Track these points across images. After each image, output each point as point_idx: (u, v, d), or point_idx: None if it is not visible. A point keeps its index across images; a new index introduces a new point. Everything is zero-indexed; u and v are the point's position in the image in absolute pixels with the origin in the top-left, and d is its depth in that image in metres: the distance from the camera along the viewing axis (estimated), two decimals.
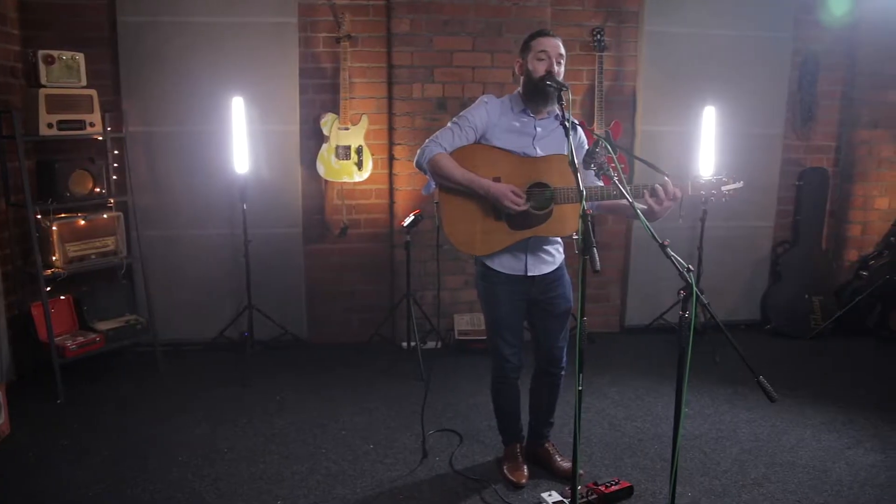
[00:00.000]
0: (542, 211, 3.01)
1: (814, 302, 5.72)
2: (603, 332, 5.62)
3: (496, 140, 3.07)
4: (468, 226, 3.09)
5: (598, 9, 5.34)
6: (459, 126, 3.07)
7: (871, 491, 3.34)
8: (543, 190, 2.98)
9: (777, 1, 5.46)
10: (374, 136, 5.18)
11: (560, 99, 2.77)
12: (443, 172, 3.01)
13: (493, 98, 3.14)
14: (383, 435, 3.89)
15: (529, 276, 3.15)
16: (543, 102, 3.03)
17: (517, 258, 3.13)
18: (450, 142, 3.05)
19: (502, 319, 3.23)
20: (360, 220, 5.31)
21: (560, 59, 3.00)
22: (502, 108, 3.11)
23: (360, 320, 5.38)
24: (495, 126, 3.07)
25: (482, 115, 3.07)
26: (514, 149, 3.05)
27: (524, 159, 3.02)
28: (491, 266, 3.16)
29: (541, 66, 2.98)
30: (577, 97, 5.37)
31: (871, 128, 5.83)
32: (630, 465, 3.56)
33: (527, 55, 3.04)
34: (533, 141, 3.08)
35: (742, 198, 5.51)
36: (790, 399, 4.39)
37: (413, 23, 5.01)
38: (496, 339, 3.26)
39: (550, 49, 2.98)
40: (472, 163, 3.03)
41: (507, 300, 3.19)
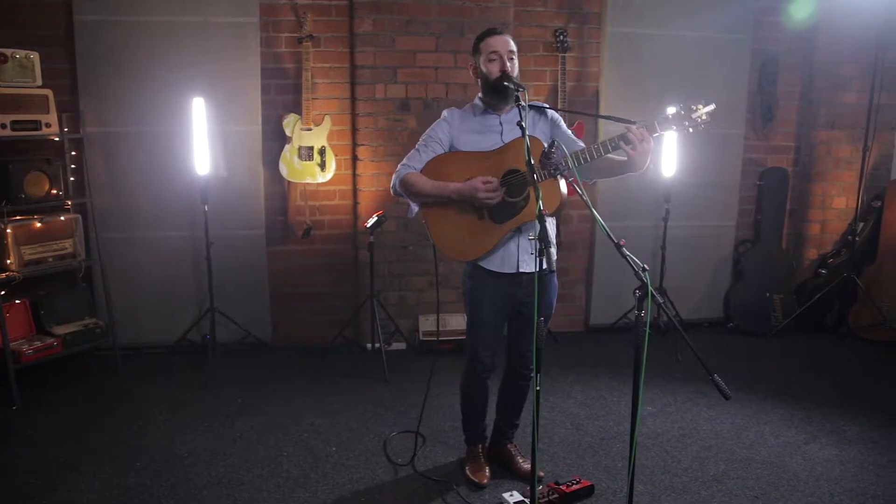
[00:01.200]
0: (520, 197, 2.97)
1: (774, 300, 5.80)
2: (568, 332, 5.65)
3: (464, 145, 3.08)
4: (456, 233, 3.08)
5: (560, 10, 5.37)
6: (425, 144, 3.09)
7: (826, 485, 3.39)
8: (515, 176, 2.94)
9: (737, 3, 5.53)
10: (338, 136, 5.15)
11: (518, 99, 2.76)
12: (414, 189, 3.02)
13: (452, 110, 3.16)
14: (346, 437, 3.87)
15: (520, 274, 3.11)
16: (504, 101, 3.04)
17: (510, 253, 3.08)
18: (418, 160, 3.06)
19: (485, 319, 3.20)
20: (323, 221, 5.28)
21: (511, 55, 3.00)
22: (462, 116, 3.12)
23: (324, 322, 5.34)
24: (459, 133, 3.08)
25: (444, 128, 3.10)
26: (484, 148, 3.04)
27: (489, 153, 3.00)
28: (482, 265, 3.12)
29: (494, 67, 2.98)
30: (540, 97, 5.39)
31: (828, 128, 5.94)
32: (592, 465, 3.58)
33: (479, 57, 3.04)
34: (501, 137, 3.07)
35: (704, 197, 5.68)
36: (751, 396, 4.44)
37: (376, 23, 4.99)
38: (475, 340, 3.24)
39: (500, 48, 2.99)
40: (442, 171, 3.03)
41: (492, 301, 3.17)
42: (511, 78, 2.93)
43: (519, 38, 5.21)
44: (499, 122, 3.08)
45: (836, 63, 5.81)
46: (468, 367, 3.30)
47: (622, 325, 5.61)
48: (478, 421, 3.46)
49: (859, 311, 5.64)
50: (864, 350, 5.40)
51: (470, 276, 3.18)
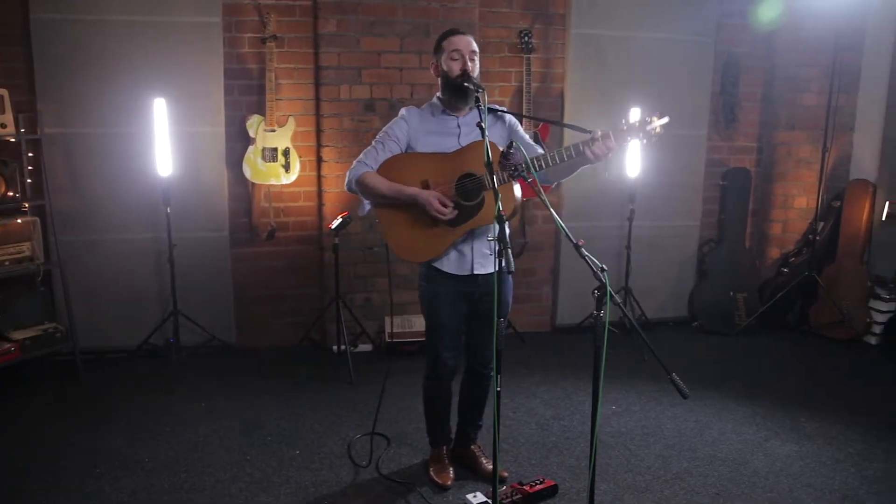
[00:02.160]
0: (474, 201, 2.98)
1: (738, 299, 5.86)
2: (534, 332, 5.66)
3: (421, 145, 3.08)
4: (410, 234, 3.08)
5: (525, 11, 5.39)
6: (382, 143, 3.08)
7: (786, 480, 3.44)
8: (471, 180, 2.95)
9: (701, 5, 5.59)
10: (302, 137, 5.11)
11: (477, 100, 2.76)
12: (371, 189, 3.02)
13: (411, 109, 3.15)
14: (310, 440, 3.84)
15: (474, 276, 3.12)
16: (464, 101, 3.04)
17: (463, 255, 3.10)
18: (374, 159, 3.05)
19: (443, 322, 3.20)
20: (288, 223, 5.24)
21: (473, 56, 3.00)
22: (421, 116, 3.12)
23: (289, 324, 5.31)
24: (417, 132, 3.08)
25: (402, 126, 3.09)
26: (441, 150, 3.05)
27: (447, 155, 3.01)
28: (436, 266, 3.12)
29: (455, 66, 2.98)
30: (505, 98, 5.40)
31: (789, 129, 6.03)
32: (556, 464, 3.59)
33: (440, 56, 3.04)
34: (458, 139, 3.08)
35: (668, 197, 5.73)
36: (714, 394, 4.49)
37: (340, 23, 4.97)
38: (435, 341, 3.24)
39: (463, 47, 2.99)
40: (398, 172, 3.03)
41: (449, 302, 3.16)
42: (471, 78, 2.93)
43: (484, 38, 5.26)
44: (457, 124, 3.09)
45: (796, 65, 5.91)
46: (430, 370, 3.29)
47: (588, 324, 5.64)
48: (441, 423, 3.45)
49: (820, 310, 5.73)
50: (825, 348, 5.49)
51: (425, 278, 3.18)
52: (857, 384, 4.75)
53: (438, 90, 3.13)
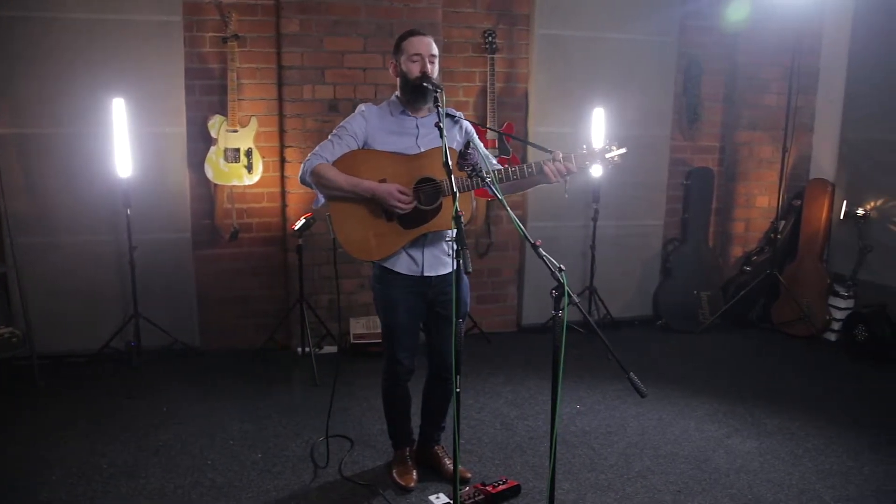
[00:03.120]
0: (431, 206, 2.99)
1: (702, 297, 5.93)
2: (500, 332, 5.67)
3: (379, 144, 3.06)
4: (361, 232, 3.06)
5: (489, 11, 5.39)
6: (339, 136, 3.05)
7: (745, 477, 3.48)
8: (430, 185, 2.97)
9: (663, 6, 5.64)
10: (265, 138, 5.07)
11: (436, 100, 2.76)
12: (326, 182, 2.98)
13: (370, 105, 3.14)
14: (273, 443, 3.80)
15: (426, 277, 3.12)
16: (423, 101, 3.04)
17: (414, 258, 3.10)
18: (331, 152, 3.02)
19: (398, 322, 3.19)
20: (251, 224, 5.19)
21: (433, 58, 3.00)
22: (381, 114, 3.10)
23: (254, 326, 5.26)
24: (376, 131, 3.06)
25: (360, 122, 3.06)
26: (399, 150, 3.04)
27: (407, 157, 3.00)
28: (388, 267, 3.12)
29: (415, 68, 2.98)
30: (469, 98, 5.40)
31: (751, 129, 6.10)
32: (520, 464, 3.59)
33: (400, 57, 3.03)
34: (416, 140, 3.07)
35: (632, 196, 5.77)
36: (677, 392, 4.53)
37: (302, 23, 4.93)
38: (393, 344, 3.23)
39: (423, 49, 2.98)
40: (356, 168, 3.00)
41: (403, 302, 3.15)
42: (430, 79, 2.93)
43: (448, 38, 5.26)
44: (415, 124, 3.08)
45: (756, 66, 5.98)
46: (388, 371, 3.29)
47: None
48: (403, 424, 3.44)
49: (781, 307, 5.81)
50: (786, 345, 5.57)
51: (378, 278, 3.18)
52: (817, 380, 4.82)
53: (397, 90, 3.12)
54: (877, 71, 5.35)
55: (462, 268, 2.34)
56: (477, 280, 5.58)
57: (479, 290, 5.60)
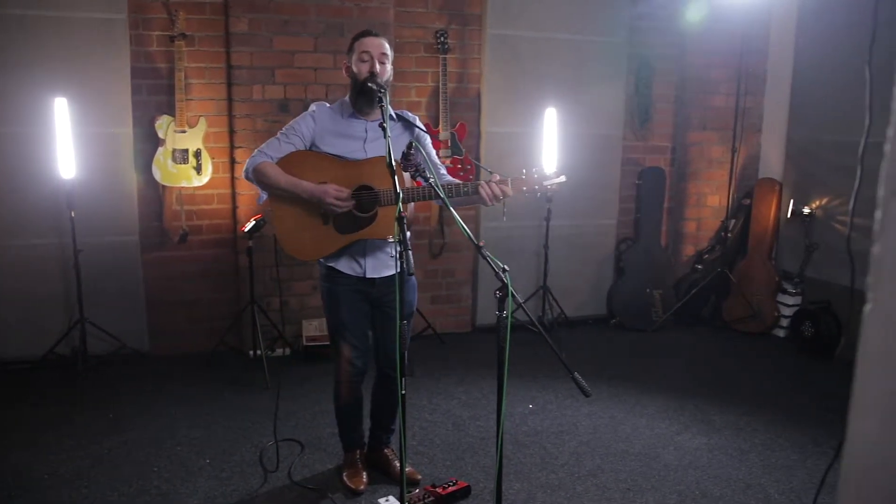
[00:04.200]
0: (367, 214, 3.00)
1: (654, 295, 5.99)
2: (455, 333, 5.66)
3: (326, 146, 3.05)
4: (298, 232, 3.08)
5: (441, 11, 5.38)
6: (286, 136, 3.05)
7: (694, 473, 3.52)
8: (367, 193, 2.97)
9: (613, 7, 5.69)
10: (214, 138, 4.99)
11: (381, 101, 2.74)
12: (267, 180, 2.98)
13: (321, 105, 3.12)
14: (222, 448, 3.74)
15: (369, 279, 3.12)
16: (369, 104, 3.02)
17: (356, 260, 3.11)
18: (276, 150, 3.02)
19: (345, 321, 3.18)
20: (201, 226, 5.11)
21: (384, 58, 2.98)
22: (331, 114, 3.09)
23: (204, 330, 5.17)
24: (324, 132, 3.05)
25: (309, 123, 3.05)
26: (345, 153, 3.04)
27: (349, 163, 3.00)
28: (333, 266, 3.12)
29: (364, 68, 2.96)
30: (422, 99, 5.39)
31: (701, 130, 6.19)
32: (471, 465, 3.59)
33: (351, 56, 3.01)
34: (364, 144, 3.06)
35: (586, 196, 5.81)
36: (630, 390, 4.57)
37: (252, 22, 4.87)
38: (339, 342, 3.22)
39: (373, 49, 2.96)
40: (299, 169, 3.00)
41: (348, 301, 3.15)
42: (376, 79, 2.90)
43: (400, 38, 5.23)
44: (364, 128, 3.06)
45: (706, 67, 6.07)
46: (339, 372, 3.26)
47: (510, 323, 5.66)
48: (353, 426, 3.42)
49: (732, 305, 5.90)
50: (737, 341, 5.65)
51: (324, 277, 3.17)
52: (765, 376, 4.91)
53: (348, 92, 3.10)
54: (820, 73, 5.46)
55: (405, 269, 2.33)
56: (431, 281, 5.57)
57: (433, 291, 5.60)
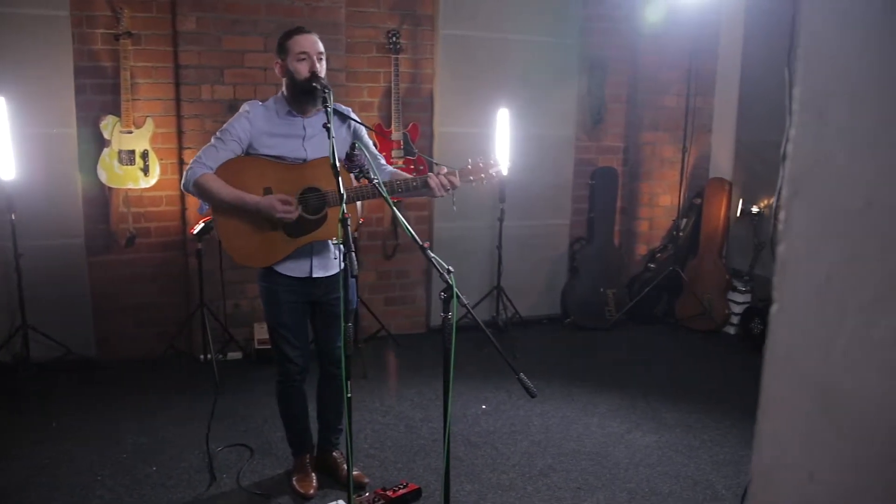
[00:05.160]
0: (317, 215, 2.97)
1: (608, 294, 6.04)
2: (409, 334, 5.63)
3: (264, 147, 3.01)
4: (247, 240, 3.03)
5: (393, 11, 5.35)
6: (223, 140, 2.98)
7: (644, 470, 3.55)
8: (314, 195, 2.95)
9: (565, 8, 5.72)
10: (162, 139, 4.90)
11: (325, 101, 2.71)
12: (210, 194, 2.94)
13: (255, 105, 3.07)
14: (169, 455, 3.67)
15: (314, 279, 3.09)
16: (312, 103, 2.99)
17: (302, 261, 3.08)
18: (214, 159, 2.96)
19: (285, 320, 3.15)
20: (150, 229, 5.01)
21: (320, 56, 2.96)
22: (266, 114, 3.04)
23: (154, 334, 5.07)
24: (261, 133, 3.01)
25: (244, 125, 3.00)
26: (284, 153, 3.01)
27: (293, 166, 2.97)
28: (273, 267, 3.08)
29: (303, 68, 2.92)
30: (374, 99, 5.36)
31: (653, 130, 6.26)
32: (422, 467, 3.57)
33: (286, 57, 2.97)
34: (303, 142, 3.03)
35: (539, 196, 5.83)
36: (582, 389, 4.59)
37: (200, 21, 4.79)
38: (279, 341, 3.19)
39: (309, 48, 2.93)
40: (240, 176, 2.95)
41: (288, 301, 3.13)
42: (320, 79, 2.88)
43: (351, 38, 5.20)
44: (302, 125, 3.04)
45: (657, 68, 6.13)
46: (281, 372, 3.25)
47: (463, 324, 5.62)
48: (300, 428, 3.38)
49: (684, 303, 5.98)
50: (688, 339, 5.73)
51: (263, 277, 3.14)
52: (716, 373, 4.98)
53: (283, 88, 3.06)
54: (767, 75, 5.55)
55: (349, 271, 2.31)
56: (384, 282, 5.55)
57: (386, 292, 5.57)
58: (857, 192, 0.58)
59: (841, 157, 0.60)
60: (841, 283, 0.61)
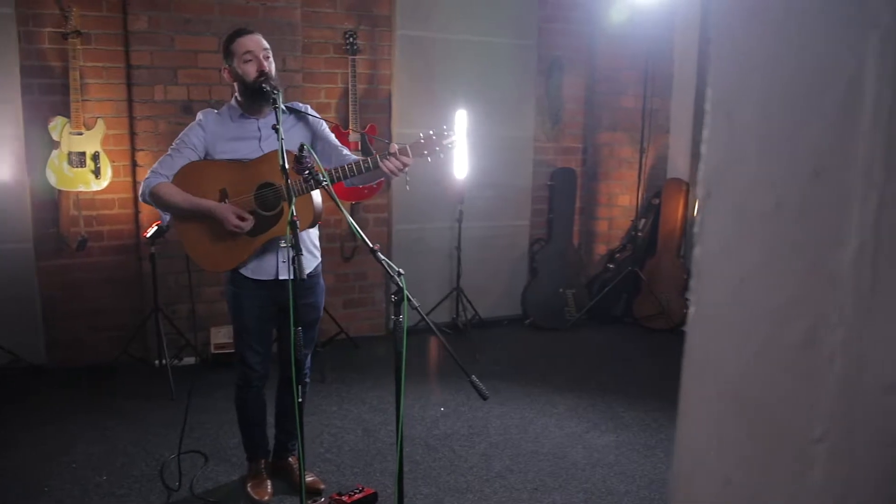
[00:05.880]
0: (274, 211, 2.92)
1: (568, 295, 6.06)
2: (368, 337, 5.59)
3: (221, 152, 2.98)
4: (209, 245, 3.00)
5: (350, 12, 5.32)
6: (178, 150, 2.96)
7: (601, 470, 3.57)
8: (270, 190, 2.90)
9: (521, 9, 5.73)
10: (114, 141, 4.80)
11: (274, 101, 2.67)
12: (166, 202, 2.90)
13: (208, 112, 3.04)
14: (120, 463, 3.60)
15: (280, 281, 3.03)
16: (266, 103, 2.94)
17: (268, 262, 3.03)
18: (169, 167, 2.93)
19: (249, 326, 3.12)
20: (102, 232, 4.91)
21: (267, 54, 2.93)
22: (219, 119, 3.02)
23: (107, 340, 4.97)
24: (216, 139, 2.98)
25: (198, 132, 2.97)
26: (242, 156, 2.97)
27: (245, 164, 2.92)
28: (240, 271, 3.03)
29: (251, 69, 2.89)
30: (332, 100, 5.31)
31: (611, 130, 6.30)
32: (379, 471, 3.55)
33: (232, 60, 2.93)
34: (259, 142, 3.00)
35: (498, 197, 5.84)
36: (541, 389, 4.60)
37: (151, 20, 4.70)
38: (242, 347, 3.16)
39: (254, 48, 2.90)
40: (195, 181, 2.92)
41: (255, 306, 3.08)
42: (269, 79, 2.84)
43: (308, 39, 5.16)
44: (257, 127, 3.00)
45: (615, 69, 6.18)
46: (240, 377, 3.20)
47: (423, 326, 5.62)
48: (257, 434, 3.34)
49: (643, 302, 6.03)
50: (647, 338, 5.77)
51: (230, 281, 3.09)
52: (673, 372, 4.93)
53: (236, 93, 3.02)
54: None
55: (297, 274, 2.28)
56: (343, 284, 5.50)
57: (345, 295, 5.53)
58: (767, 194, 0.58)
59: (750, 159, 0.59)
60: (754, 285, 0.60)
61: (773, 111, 0.57)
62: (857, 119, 0.50)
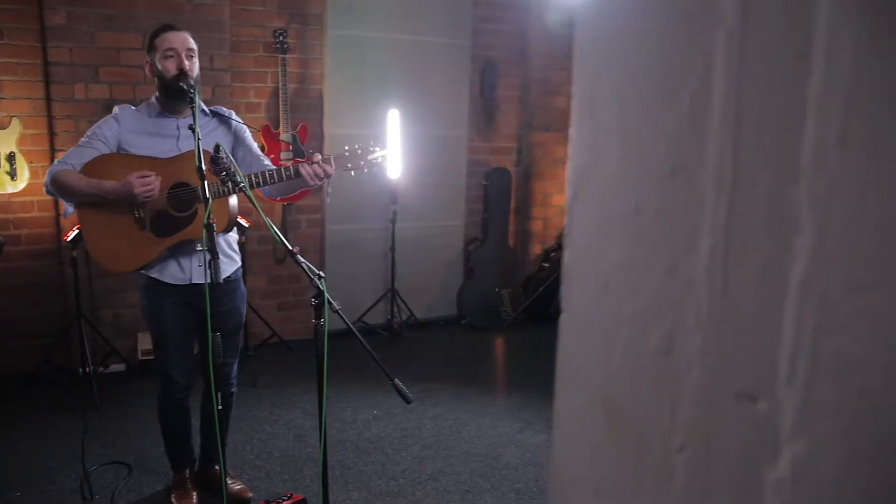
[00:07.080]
0: (186, 212, 2.82)
1: (503, 295, 6.08)
2: (302, 339, 5.49)
3: (135, 147, 2.87)
4: (112, 242, 2.86)
5: (280, 10, 5.22)
6: (89, 142, 2.84)
7: (533, 469, 3.57)
8: (184, 190, 2.80)
9: (455, 9, 5.72)
10: (32, 141, 4.62)
11: (191, 101, 2.59)
12: (67, 188, 2.75)
13: (126, 108, 2.94)
14: (38, 478, 3.45)
15: (195, 285, 2.93)
16: (183, 102, 2.85)
17: (181, 266, 2.92)
18: (78, 156, 2.80)
19: (169, 336, 2.99)
20: (20, 236, 4.72)
21: (191, 53, 2.84)
22: (137, 115, 2.92)
23: (26, 348, 4.76)
24: (130, 134, 2.87)
25: (112, 126, 2.86)
26: (158, 154, 2.86)
27: (160, 161, 2.82)
28: (153, 276, 2.91)
29: (171, 65, 2.80)
30: (262, 100, 5.22)
31: (544, 130, 6.34)
32: (310, 477, 3.48)
33: (154, 55, 2.84)
34: (177, 141, 2.90)
35: (432, 197, 5.82)
36: (475, 390, 4.59)
37: (70, 16, 4.54)
38: (162, 357, 3.03)
39: (178, 45, 2.81)
40: (105, 174, 2.79)
41: (172, 314, 2.96)
42: (187, 78, 2.76)
43: (237, 37, 5.05)
44: (176, 125, 2.91)
45: (547, 70, 6.21)
46: (162, 389, 3.08)
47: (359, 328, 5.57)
48: (181, 444, 3.24)
49: None
50: None
51: (144, 289, 2.97)
52: None
53: (156, 90, 2.93)
54: None
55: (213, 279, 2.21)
56: (277, 287, 5.41)
57: (279, 298, 5.44)
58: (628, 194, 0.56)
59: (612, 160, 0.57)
60: (617, 290, 0.58)
61: (631, 109, 0.55)
62: (707, 116, 0.49)
